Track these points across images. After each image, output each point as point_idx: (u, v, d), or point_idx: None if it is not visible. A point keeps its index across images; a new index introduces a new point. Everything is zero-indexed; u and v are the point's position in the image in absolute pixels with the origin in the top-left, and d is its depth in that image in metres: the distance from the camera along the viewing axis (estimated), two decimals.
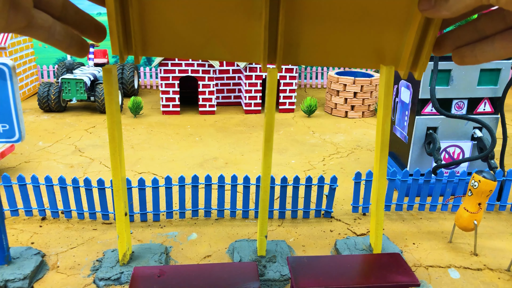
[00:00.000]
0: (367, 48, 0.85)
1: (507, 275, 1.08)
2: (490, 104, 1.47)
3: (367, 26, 0.83)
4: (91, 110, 2.76)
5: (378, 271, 0.88)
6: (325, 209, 1.36)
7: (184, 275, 0.85)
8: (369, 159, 1.95)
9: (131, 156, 1.94)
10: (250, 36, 0.83)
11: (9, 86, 0.92)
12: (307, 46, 0.85)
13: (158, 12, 0.81)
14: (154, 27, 0.82)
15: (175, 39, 0.84)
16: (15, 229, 1.26)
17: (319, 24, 0.82)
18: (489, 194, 1.09)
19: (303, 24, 0.82)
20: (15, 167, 1.78)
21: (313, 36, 0.83)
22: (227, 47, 0.84)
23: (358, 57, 0.85)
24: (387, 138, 0.88)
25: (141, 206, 1.30)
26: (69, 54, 0.58)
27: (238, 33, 0.83)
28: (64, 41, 0.55)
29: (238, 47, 0.85)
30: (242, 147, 2.08)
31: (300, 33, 0.83)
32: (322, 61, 0.86)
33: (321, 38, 0.84)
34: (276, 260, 1.05)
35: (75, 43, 0.57)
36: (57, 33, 0.54)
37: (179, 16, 0.82)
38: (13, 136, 0.97)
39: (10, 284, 0.97)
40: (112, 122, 0.81)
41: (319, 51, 0.85)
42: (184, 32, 0.83)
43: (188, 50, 0.85)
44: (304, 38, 0.83)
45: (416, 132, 1.48)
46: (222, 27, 0.83)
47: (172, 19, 0.82)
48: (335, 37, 0.83)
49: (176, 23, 0.82)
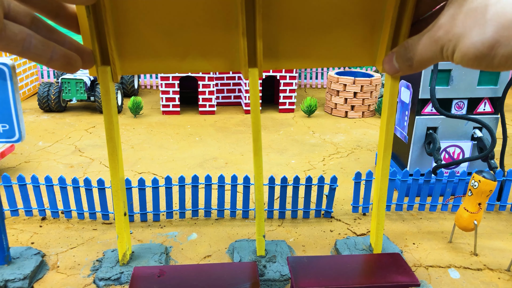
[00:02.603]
0: (344, 49, 0.85)
1: (507, 275, 1.08)
2: (490, 104, 1.47)
3: (342, 28, 0.84)
4: (91, 110, 2.76)
5: (378, 271, 0.88)
6: (325, 209, 1.36)
7: (184, 275, 0.85)
8: (369, 159, 1.95)
9: (131, 156, 1.94)
10: (229, 44, 0.83)
11: (9, 86, 0.92)
12: (286, 50, 0.85)
13: (133, 30, 0.80)
14: (131, 45, 0.81)
15: (153, 56, 0.83)
16: (15, 229, 1.26)
17: (296, 29, 0.83)
18: (489, 194, 1.09)
19: (281, 29, 0.83)
20: (15, 167, 1.78)
21: (291, 40, 0.84)
22: (206, 58, 0.84)
23: (338, 58, 0.87)
24: (390, 138, 0.88)
25: (141, 206, 1.30)
26: (53, 68, 0.55)
27: (216, 43, 0.83)
28: (42, 55, 0.52)
29: (218, 56, 0.84)
30: (242, 147, 2.08)
31: (278, 38, 0.84)
32: (303, 64, 0.87)
33: (299, 42, 0.85)
34: (276, 260, 1.05)
35: (58, 57, 0.54)
36: (33, 47, 0.51)
37: (155, 33, 0.81)
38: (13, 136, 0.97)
39: (10, 284, 0.97)
40: (110, 122, 0.81)
41: (298, 55, 0.86)
42: (162, 47, 0.82)
43: (168, 65, 0.84)
44: (283, 43, 0.84)
45: (416, 132, 1.48)
46: (200, 39, 0.82)
47: (148, 36, 0.81)
48: (313, 40, 0.84)
49: (153, 40, 0.82)
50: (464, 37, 0.47)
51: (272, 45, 0.84)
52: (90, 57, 0.64)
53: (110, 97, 0.78)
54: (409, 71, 0.65)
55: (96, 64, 0.77)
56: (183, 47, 0.83)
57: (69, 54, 0.56)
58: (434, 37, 0.53)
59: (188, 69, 0.85)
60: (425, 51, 0.57)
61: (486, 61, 0.45)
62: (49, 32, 0.57)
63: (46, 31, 0.56)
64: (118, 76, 0.80)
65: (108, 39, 0.75)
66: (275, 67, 0.86)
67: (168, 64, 0.84)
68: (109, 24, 0.74)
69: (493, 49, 0.43)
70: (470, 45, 0.46)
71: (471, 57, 0.46)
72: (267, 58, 0.84)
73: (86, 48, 0.62)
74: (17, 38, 0.48)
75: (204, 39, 0.82)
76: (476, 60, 0.46)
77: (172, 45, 0.82)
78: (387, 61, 0.70)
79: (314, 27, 0.83)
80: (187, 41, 0.82)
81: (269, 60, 0.85)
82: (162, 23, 0.79)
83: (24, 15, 0.54)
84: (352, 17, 0.82)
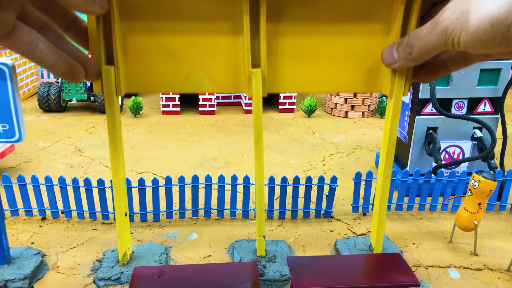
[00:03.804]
0: (350, 78, 0.88)
1: (507, 275, 1.08)
2: (490, 104, 1.47)
3: (347, 61, 0.86)
4: (91, 110, 2.76)
5: (378, 271, 0.88)
6: (325, 209, 1.36)
7: (184, 275, 0.85)
8: (369, 159, 1.95)
9: (131, 156, 1.94)
10: (234, 65, 0.84)
11: (9, 86, 0.92)
12: (289, 76, 0.87)
13: (139, 50, 0.81)
14: (137, 65, 0.82)
15: (158, 75, 0.84)
16: (15, 229, 1.26)
17: (300, 61, 0.86)
18: (489, 194, 1.09)
19: (285, 59, 0.85)
20: (15, 167, 1.78)
21: (294, 68, 0.86)
22: (211, 78, 0.85)
23: (342, 85, 0.88)
24: (394, 139, 0.88)
25: (141, 206, 1.30)
26: (54, 74, 0.55)
27: (222, 64, 0.84)
28: (46, 59, 0.52)
29: (223, 77, 0.85)
30: (242, 147, 2.08)
31: (282, 66, 0.86)
32: (306, 89, 0.89)
33: (303, 71, 0.87)
34: (276, 260, 1.05)
35: (62, 65, 0.54)
36: (39, 50, 0.51)
37: (160, 52, 0.82)
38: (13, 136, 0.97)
39: (10, 284, 0.97)
40: (112, 122, 0.80)
41: (302, 80, 0.87)
42: (166, 67, 0.83)
43: (172, 85, 0.85)
44: (286, 70, 0.86)
45: (416, 132, 1.48)
46: (205, 60, 0.83)
47: (153, 55, 0.82)
48: (318, 70, 0.86)
49: (158, 59, 0.82)
50: (476, 10, 0.44)
51: (277, 70, 0.86)
52: (94, 70, 0.64)
53: (113, 97, 0.78)
54: (408, 62, 0.64)
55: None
56: (188, 67, 0.84)
57: (73, 64, 0.56)
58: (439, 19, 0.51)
59: (192, 89, 0.86)
60: (428, 36, 0.55)
61: (502, 29, 0.42)
62: (57, 39, 0.57)
63: (55, 38, 0.57)
64: (123, 92, 0.81)
65: (115, 52, 0.76)
66: (278, 90, 0.88)
67: (172, 84, 0.85)
68: (117, 36, 0.75)
69: (510, 15, 0.41)
70: (486, 14, 0.44)
71: (487, 27, 0.44)
72: (270, 82, 0.86)
73: (92, 60, 0.63)
74: (24, 39, 0.49)
75: (211, 60, 0.83)
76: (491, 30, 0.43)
77: (177, 65, 0.83)
78: (387, 51, 0.70)
79: (318, 58, 0.86)
80: (192, 61, 0.83)
81: (272, 84, 0.86)
82: (167, 42, 0.81)
83: (36, 20, 0.54)
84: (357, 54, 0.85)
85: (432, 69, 0.68)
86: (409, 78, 0.79)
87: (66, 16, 0.60)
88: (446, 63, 0.65)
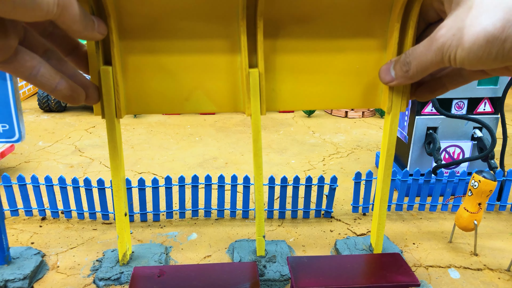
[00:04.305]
0: (348, 94, 0.89)
1: (507, 275, 1.08)
2: (490, 104, 1.47)
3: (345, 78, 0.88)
4: (91, 110, 2.76)
5: (378, 271, 0.88)
6: (325, 209, 1.36)
7: (184, 275, 0.85)
8: (369, 159, 1.95)
9: (131, 156, 1.94)
10: (233, 85, 0.85)
11: (9, 86, 0.92)
12: (288, 94, 0.88)
13: (139, 71, 0.82)
14: (136, 86, 0.83)
15: (158, 97, 0.85)
16: (15, 229, 1.26)
17: (298, 78, 0.87)
18: (489, 194, 1.09)
19: (283, 77, 0.86)
20: (15, 167, 1.78)
21: (293, 85, 0.87)
22: (211, 98, 0.85)
23: (341, 102, 0.90)
24: (394, 139, 0.89)
25: (141, 206, 1.30)
26: (56, 97, 0.56)
27: (221, 84, 0.85)
28: (48, 84, 0.53)
29: (222, 97, 0.86)
30: (242, 147, 2.08)
31: (280, 84, 0.87)
32: (304, 106, 0.90)
33: (301, 88, 0.88)
34: (276, 260, 1.05)
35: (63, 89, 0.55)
36: (40, 75, 0.52)
37: (161, 76, 0.83)
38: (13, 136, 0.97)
39: (10, 284, 0.97)
40: (111, 122, 0.81)
41: (300, 98, 0.89)
42: (166, 88, 0.84)
43: (172, 106, 0.86)
44: (286, 86, 0.87)
45: (416, 132, 1.48)
46: (205, 79, 0.84)
47: (153, 79, 0.83)
48: (317, 87, 0.88)
49: (159, 82, 0.84)
50: (472, 26, 0.45)
51: (276, 88, 0.88)
52: (94, 93, 0.66)
53: (111, 97, 0.78)
54: (405, 79, 0.66)
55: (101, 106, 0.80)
56: (187, 87, 0.85)
57: (74, 87, 0.57)
58: (435, 36, 0.52)
59: (192, 109, 0.87)
60: (424, 53, 0.56)
61: (497, 45, 0.43)
62: (59, 63, 0.58)
63: (57, 62, 0.58)
64: (123, 114, 0.82)
65: (115, 75, 0.77)
66: (276, 108, 0.89)
67: (172, 105, 0.86)
68: (116, 59, 0.76)
69: (505, 30, 0.42)
70: (480, 30, 0.44)
71: (482, 43, 0.44)
72: (269, 100, 0.87)
73: (92, 84, 0.64)
74: (26, 64, 0.49)
75: (210, 80, 0.84)
76: (487, 46, 0.44)
77: (176, 86, 0.84)
78: (384, 69, 0.71)
79: (316, 75, 0.87)
80: (191, 81, 0.84)
81: (272, 102, 0.88)
82: (166, 63, 0.81)
83: (39, 45, 0.55)
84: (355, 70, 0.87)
85: (430, 88, 0.70)
86: (406, 94, 0.80)
87: (67, 41, 0.62)
88: (443, 81, 0.66)
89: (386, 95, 0.83)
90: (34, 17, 0.42)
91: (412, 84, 0.74)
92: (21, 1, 0.39)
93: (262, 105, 0.85)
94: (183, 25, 0.78)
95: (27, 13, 0.41)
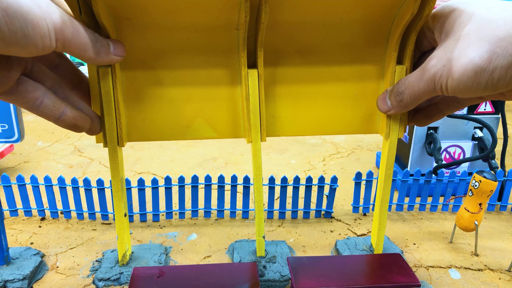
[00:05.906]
0: (347, 121, 0.91)
1: (508, 276, 1.07)
2: (491, 104, 1.46)
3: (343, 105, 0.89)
4: None
5: (379, 272, 0.88)
6: (326, 209, 1.36)
7: (184, 275, 0.85)
8: (369, 159, 1.94)
9: (131, 156, 1.93)
10: (234, 112, 0.87)
11: None
12: (287, 121, 0.90)
13: (140, 100, 0.83)
14: (137, 115, 0.84)
15: (159, 125, 0.86)
16: (14, 229, 1.26)
17: (297, 105, 0.88)
18: (490, 194, 1.08)
19: (282, 105, 0.88)
20: (14, 167, 1.78)
21: (293, 112, 0.89)
22: (212, 125, 0.87)
23: (340, 128, 0.91)
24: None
25: (140, 207, 1.30)
26: (59, 126, 0.57)
27: (222, 111, 0.86)
28: (51, 114, 0.54)
29: (223, 124, 0.88)
30: (242, 147, 2.08)
31: (280, 111, 0.89)
32: (304, 132, 0.91)
33: (300, 115, 0.90)
34: (276, 261, 1.05)
35: (66, 118, 0.56)
36: (44, 106, 0.52)
37: (162, 104, 0.84)
38: (13, 136, 0.96)
39: (10, 284, 0.97)
40: (111, 122, 0.80)
41: (299, 124, 0.90)
42: (168, 116, 0.86)
43: (172, 133, 0.87)
44: (286, 113, 0.89)
45: (417, 132, 1.47)
46: (206, 107, 0.86)
47: (155, 107, 0.84)
48: (316, 112, 0.89)
49: (160, 110, 0.85)
50: (460, 58, 0.46)
51: (276, 114, 0.90)
52: (96, 125, 0.67)
53: (111, 98, 0.78)
54: (401, 108, 0.68)
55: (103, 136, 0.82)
56: (189, 115, 0.86)
57: (78, 117, 0.58)
58: (427, 67, 0.53)
59: (193, 136, 0.89)
60: (417, 83, 0.57)
61: (486, 75, 0.44)
62: (67, 94, 0.59)
63: (64, 93, 0.59)
64: (124, 143, 0.83)
65: (117, 105, 0.77)
66: (276, 134, 0.91)
67: (173, 132, 0.87)
68: (118, 88, 0.77)
69: (491, 61, 0.43)
70: (468, 62, 0.45)
71: (470, 74, 0.45)
72: (270, 126, 0.89)
73: (97, 116, 0.65)
74: (28, 96, 0.49)
75: (211, 107, 0.86)
76: (476, 77, 0.45)
77: (178, 114, 0.86)
78: (381, 99, 0.74)
79: (315, 102, 0.89)
80: (193, 109, 0.86)
81: (272, 128, 0.90)
82: (168, 92, 0.83)
83: (46, 77, 0.55)
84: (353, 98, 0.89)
85: (427, 113, 0.73)
86: (404, 120, 0.83)
87: (74, 74, 0.64)
88: (440, 107, 0.69)
89: (384, 122, 0.85)
90: (30, 53, 0.42)
91: (410, 110, 0.77)
92: (13, 39, 0.38)
93: (262, 132, 0.86)
94: (184, 57, 0.80)
95: (21, 50, 0.41)
